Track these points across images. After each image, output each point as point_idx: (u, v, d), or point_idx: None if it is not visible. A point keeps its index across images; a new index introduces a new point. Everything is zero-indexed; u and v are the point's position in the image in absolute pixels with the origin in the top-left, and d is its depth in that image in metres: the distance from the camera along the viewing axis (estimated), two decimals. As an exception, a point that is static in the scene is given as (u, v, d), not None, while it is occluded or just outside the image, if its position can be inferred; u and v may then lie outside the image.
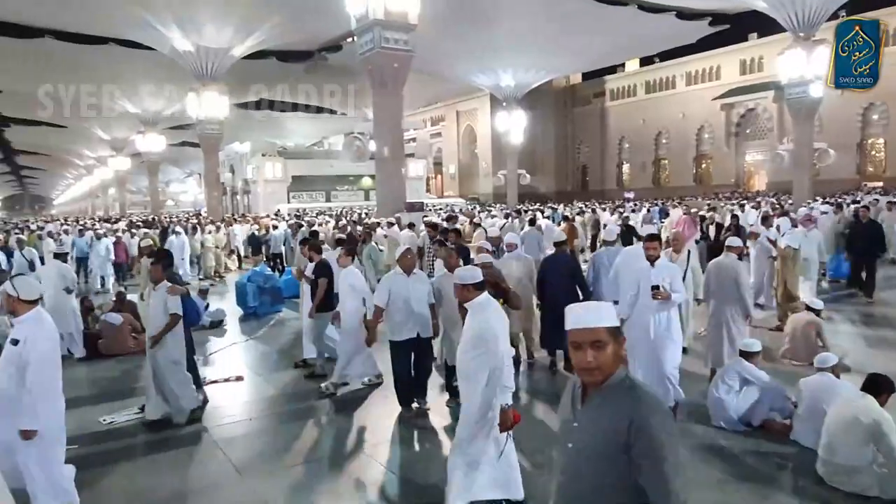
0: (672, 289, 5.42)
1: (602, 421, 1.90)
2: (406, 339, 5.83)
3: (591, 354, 1.89)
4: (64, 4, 23.37)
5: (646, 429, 1.81)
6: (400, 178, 21.26)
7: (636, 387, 1.93)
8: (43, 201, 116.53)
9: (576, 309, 1.99)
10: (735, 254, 6.66)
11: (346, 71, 30.66)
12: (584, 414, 1.97)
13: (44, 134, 47.25)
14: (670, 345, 5.53)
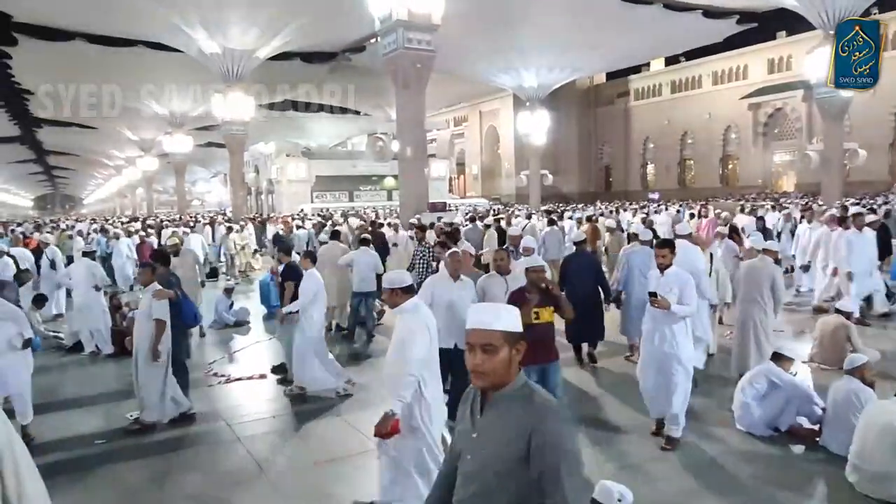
0: (681, 300, 4.95)
1: (501, 431, 1.83)
2: (442, 349, 5.41)
3: (480, 357, 1.84)
4: (95, 7, 23.82)
5: (545, 438, 1.75)
6: (423, 178, 21.29)
7: (535, 394, 1.86)
8: (73, 201, 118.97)
9: (476, 308, 1.95)
10: (771, 258, 6.56)
11: (369, 72, 30.81)
12: (483, 424, 1.89)
13: (74, 135, 48.27)
14: (677, 372, 4.98)
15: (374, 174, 47.94)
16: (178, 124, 38.00)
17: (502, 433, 1.82)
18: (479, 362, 1.83)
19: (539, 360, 4.80)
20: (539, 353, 4.68)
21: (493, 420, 1.87)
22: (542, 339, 4.81)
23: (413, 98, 20.39)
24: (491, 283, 5.71)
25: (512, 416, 1.83)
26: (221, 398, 6.93)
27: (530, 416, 1.79)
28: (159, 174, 55.25)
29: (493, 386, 1.86)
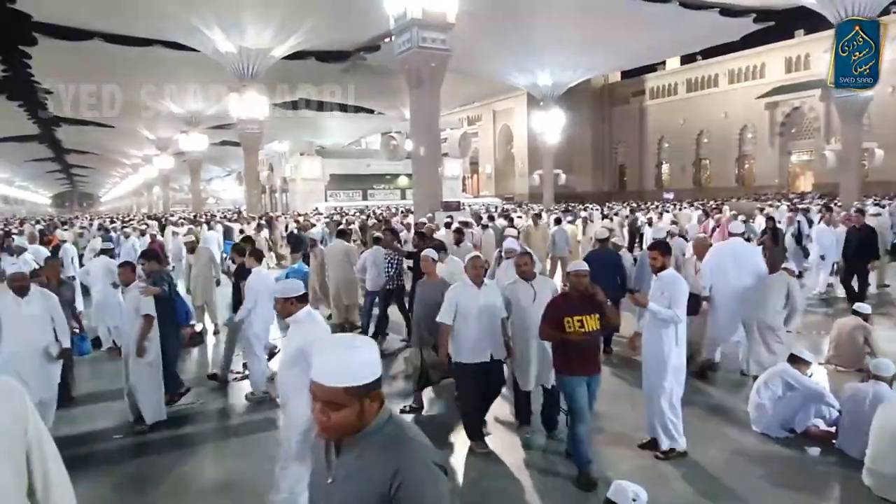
0: (671, 304, 4.70)
1: (360, 474, 1.61)
2: (478, 363, 5.01)
3: (323, 412, 1.60)
4: (113, 7, 24.10)
5: (411, 484, 1.56)
6: (436, 177, 21.30)
7: (402, 433, 1.66)
8: (91, 199, 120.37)
9: (322, 357, 1.64)
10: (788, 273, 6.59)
11: (383, 70, 30.88)
12: (341, 467, 1.66)
13: (92, 133, 48.82)
14: (663, 378, 4.76)
15: (388, 173, 48.01)
16: (193, 123, 38.38)
17: (361, 476, 1.61)
18: (323, 418, 1.60)
19: (582, 372, 4.51)
20: (582, 364, 4.51)
21: (351, 463, 1.64)
22: (587, 349, 4.51)
23: (427, 97, 20.40)
24: (517, 290, 5.24)
25: (373, 457, 1.61)
26: (237, 394, 6.99)
27: (394, 459, 1.58)
28: (175, 172, 55.83)
29: (343, 437, 1.64)
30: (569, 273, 4.60)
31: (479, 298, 5.01)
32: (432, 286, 5.95)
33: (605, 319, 4.55)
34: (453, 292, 5.14)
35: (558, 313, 4.50)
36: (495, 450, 5.12)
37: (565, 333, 4.42)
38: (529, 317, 4.98)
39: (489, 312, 5.01)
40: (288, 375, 3.85)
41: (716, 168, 52.90)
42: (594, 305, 4.48)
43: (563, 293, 4.72)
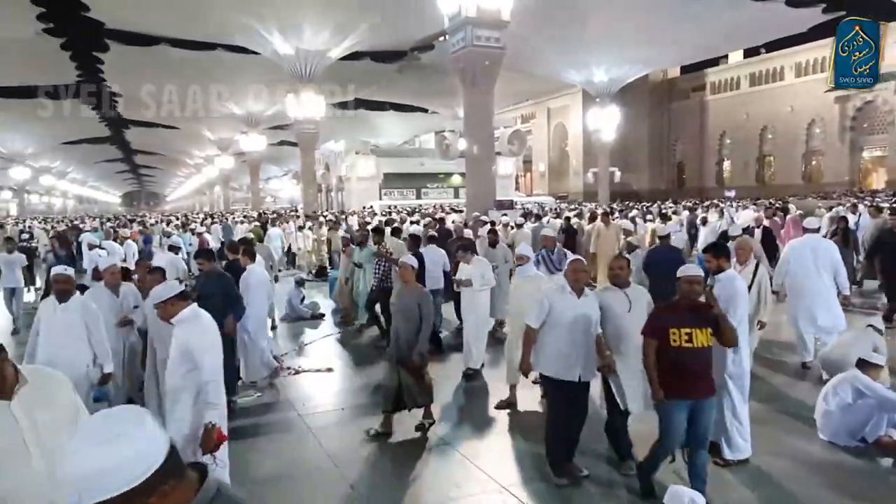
0: (727, 307, 4.42)
1: None
2: (563, 381, 4.45)
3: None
4: (179, 14, 25.03)
5: None
6: (489, 175, 21.27)
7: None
8: (157, 198, 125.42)
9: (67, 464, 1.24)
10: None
11: (437, 69, 31.00)
12: None
13: (159, 135, 50.90)
14: (722, 384, 4.49)
15: (441, 172, 48.19)
16: (253, 124, 39.45)
17: None
18: None
19: (689, 394, 3.92)
20: (689, 385, 3.90)
21: None
22: (695, 367, 3.91)
23: (481, 96, 20.39)
24: (608, 297, 4.63)
25: None
26: (292, 389, 7.15)
27: None
28: (235, 172, 57.57)
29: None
30: (680, 279, 4.02)
31: (575, 307, 4.44)
32: (410, 295, 5.53)
33: (719, 335, 3.96)
34: (549, 295, 4.57)
35: (662, 323, 3.96)
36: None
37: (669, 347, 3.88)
38: (623, 327, 4.47)
39: (584, 325, 4.41)
40: (174, 377, 3.80)
41: (781, 165, 50.85)
42: (707, 318, 3.94)
43: (673, 303, 4.11)
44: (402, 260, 5.85)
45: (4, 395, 2.17)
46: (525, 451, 5.15)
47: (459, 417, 6.05)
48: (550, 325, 4.45)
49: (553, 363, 4.44)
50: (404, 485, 4.71)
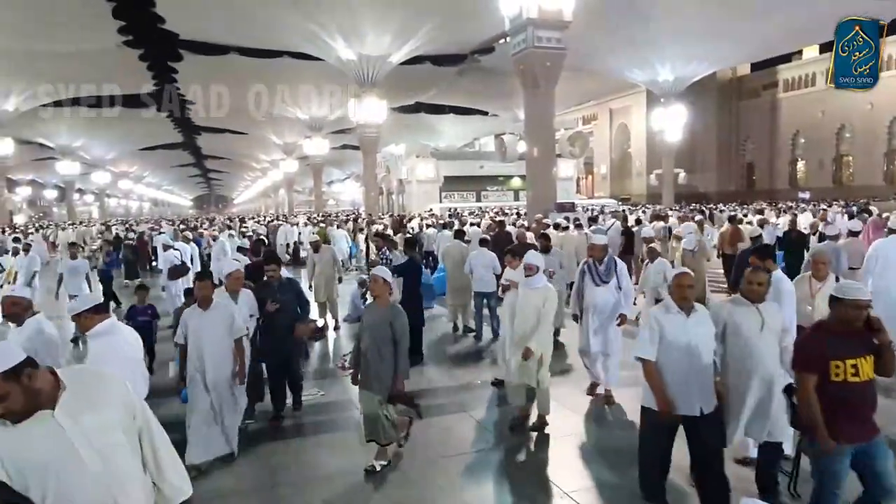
0: None
1: None
2: (682, 416, 3.86)
3: None
4: (247, 24, 25.94)
5: None
6: (550, 178, 21.04)
7: None
8: (225, 200, 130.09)
9: None
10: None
11: (497, 72, 30.96)
12: None
13: (228, 140, 52.92)
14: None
15: (501, 174, 47.99)
16: (316, 128, 40.42)
17: None
18: None
19: (856, 438, 3.32)
20: (857, 427, 3.33)
21: None
22: (863, 406, 3.34)
23: (542, 97, 20.20)
24: (737, 314, 4.03)
25: None
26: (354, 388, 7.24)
27: None
28: (299, 175, 59.03)
29: None
30: (840, 299, 3.33)
31: (686, 328, 3.87)
32: (381, 312, 4.91)
33: (881, 363, 3.32)
34: (657, 316, 3.99)
35: (820, 355, 3.32)
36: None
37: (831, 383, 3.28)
38: (754, 350, 3.91)
39: (701, 348, 3.84)
40: None
41: (860, 165, 48.22)
42: (869, 344, 3.31)
43: (820, 326, 3.50)
44: (374, 272, 5.18)
45: (46, 405, 2.12)
46: (590, 455, 5.07)
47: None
48: (665, 350, 3.88)
49: (672, 395, 3.85)
50: (467, 488, 4.71)
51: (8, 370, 2.03)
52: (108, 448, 2.20)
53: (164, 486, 2.41)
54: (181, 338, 5.13)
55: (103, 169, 62.72)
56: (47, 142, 48.20)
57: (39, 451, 2.10)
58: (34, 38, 25.51)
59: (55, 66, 28.17)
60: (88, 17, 24.37)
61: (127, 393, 2.37)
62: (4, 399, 2.03)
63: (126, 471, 2.26)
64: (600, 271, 6.40)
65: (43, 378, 2.14)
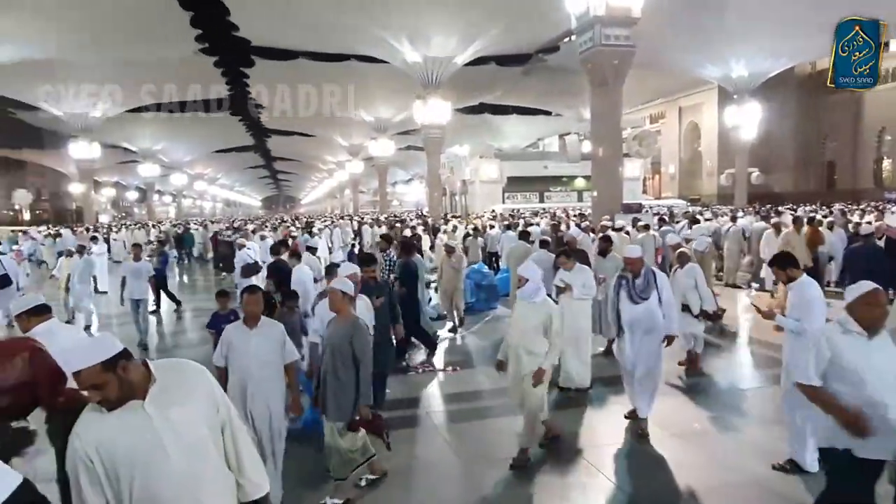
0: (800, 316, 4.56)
1: None
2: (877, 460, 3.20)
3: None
4: (316, 29, 26.61)
5: None
6: (616, 178, 20.58)
7: None
8: (293, 201, 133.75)
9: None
10: None
11: (563, 71, 30.61)
12: None
13: (296, 142, 54.45)
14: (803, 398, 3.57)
15: (565, 175, 47.41)
16: (382, 130, 41.02)
17: None
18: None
19: None
20: None
21: None
22: None
23: (609, 96, 19.80)
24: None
25: None
26: (420, 386, 7.32)
27: None
28: (364, 176, 60.09)
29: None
30: None
31: (870, 353, 3.20)
32: (342, 328, 4.42)
33: None
34: (828, 335, 3.33)
35: None
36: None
37: None
38: None
39: (882, 380, 3.14)
40: None
41: (954, 163, 45.00)
42: None
43: None
44: (332, 285, 4.66)
45: (138, 395, 2.23)
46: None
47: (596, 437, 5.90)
48: (833, 379, 3.24)
49: (845, 434, 3.14)
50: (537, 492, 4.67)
51: (106, 360, 2.14)
52: (193, 442, 2.27)
53: (243, 481, 2.46)
54: (221, 359, 4.38)
55: (180, 171, 65.69)
56: (130, 146, 50.86)
57: (127, 439, 2.19)
58: (120, 48, 26.99)
59: (138, 75, 29.68)
60: (169, 27, 25.57)
61: (211, 386, 2.44)
62: (102, 388, 2.14)
63: (210, 465, 2.32)
64: (637, 287, 5.65)
65: (136, 370, 2.24)
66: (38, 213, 76.25)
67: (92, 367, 2.12)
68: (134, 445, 2.19)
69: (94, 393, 2.15)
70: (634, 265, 5.73)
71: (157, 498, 2.20)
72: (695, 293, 7.47)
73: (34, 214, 73.83)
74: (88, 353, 2.16)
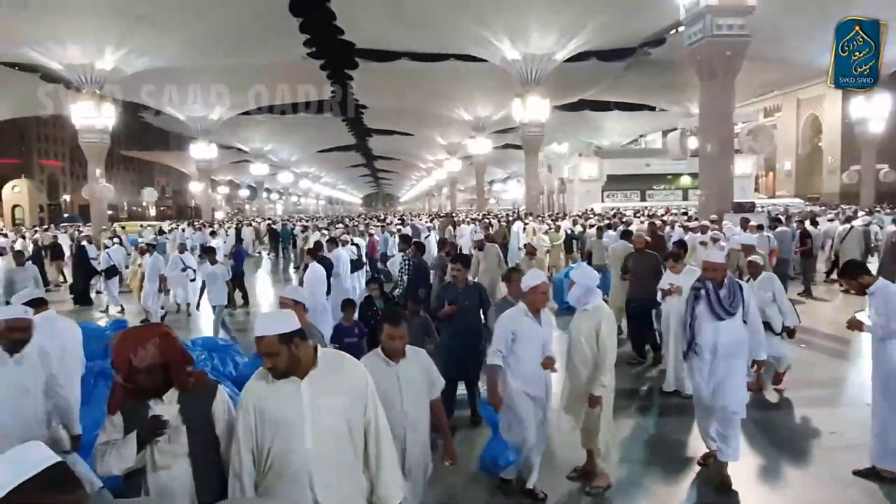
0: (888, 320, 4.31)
1: None
2: None
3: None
4: (418, 30, 27.10)
5: None
6: (727, 176, 19.53)
7: None
8: (392, 199, 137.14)
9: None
10: None
11: (668, 65, 29.43)
12: None
13: (396, 141, 55.78)
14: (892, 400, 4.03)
15: (669, 172, 45.64)
16: (480, 128, 41.16)
17: None
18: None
19: None
20: None
21: None
22: None
23: (720, 89, 18.81)
24: None
25: None
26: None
27: None
28: (461, 175, 60.60)
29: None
30: None
31: None
32: None
33: None
34: None
35: None
36: None
37: None
38: None
39: None
40: None
41: None
42: None
43: None
44: (282, 294, 4.36)
45: (300, 373, 2.47)
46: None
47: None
48: None
49: None
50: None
51: (284, 333, 2.41)
52: (329, 431, 2.45)
53: (378, 485, 2.58)
54: None
55: (287, 170, 69.01)
56: (243, 146, 53.99)
57: (278, 408, 2.46)
58: (234, 55, 28.67)
59: (250, 79, 31.43)
60: (280, 34, 26.87)
61: (365, 386, 2.59)
62: (274, 357, 2.42)
63: (339, 456, 2.47)
64: (722, 299, 4.69)
65: (306, 350, 2.50)
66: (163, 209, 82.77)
67: (272, 336, 2.40)
68: (281, 415, 2.44)
69: (268, 359, 2.44)
70: (717, 273, 4.76)
71: (286, 465, 2.42)
72: (774, 307, 6.71)
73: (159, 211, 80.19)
74: (272, 323, 2.45)
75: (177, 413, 2.55)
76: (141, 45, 25.66)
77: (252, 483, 2.47)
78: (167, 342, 2.58)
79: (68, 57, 25.22)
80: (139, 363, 2.50)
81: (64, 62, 25.54)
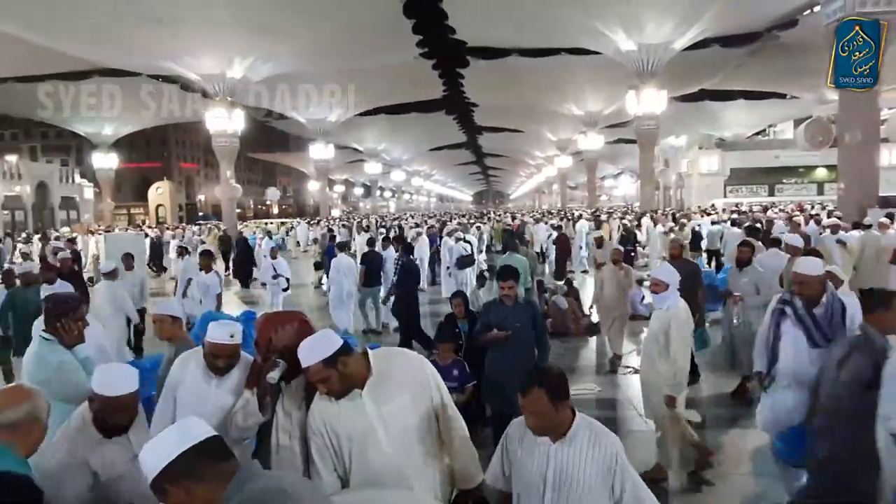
0: None
1: None
2: None
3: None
4: (529, 25, 26.82)
5: None
6: (872, 168, 17.74)
7: None
8: (502, 196, 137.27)
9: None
10: None
11: (801, 48, 27.24)
12: None
13: (505, 138, 55.64)
14: None
15: (801, 165, 42.31)
16: (591, 123, 40.15)
17: None
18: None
19: None
20: None
21: None
22: None
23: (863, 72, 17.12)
24: None
25: None
26: (630, 387, 7.04)
27: None
28: (572, 171, 59.48)
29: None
30: None
31: None
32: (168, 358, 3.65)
33: None
34: None
35: None
36: None
37: None
38: None
39: None
40: None
41: None
42: None
43: None
44: (156, 311, 4.00)
45: (359, 384, 2.47)
46: None
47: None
48: None
49: None
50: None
51: (326, 358, 2.39)
52: (401, 432, 2.47)
53: (456, 466, 2.62)
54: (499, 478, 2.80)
55: (400, 168, 70.87)
56: (357, 146, 56.06)
57: (346, 423, 2.47)
58: (349, 58, 29.77)
59: (365, 81, 32.49)
60: (393, 35, 27.59)
61: (426, 376, 2.61)
62: (325, 382, 2.41)
63: (417, 452, 2.50)
64: (818, 321, 3.75)
65: (356, 363, 2.48)
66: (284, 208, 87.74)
67: (316, 364, 2.38)
68: (352, 427, 2.46)
69: (321, 386, 2.42)
70: (810, 287, 3.79)
71: (370, 471, 2.45)
72: None
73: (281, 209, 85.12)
74: (312, 351, 2.40)
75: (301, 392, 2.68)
76: (265, 54, 27.35)
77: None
78: (305, 329, 2.70)
79: (203, 68, 27.40)
80: (277, 342, 2.65)
81: (199, 73, 27.77)
